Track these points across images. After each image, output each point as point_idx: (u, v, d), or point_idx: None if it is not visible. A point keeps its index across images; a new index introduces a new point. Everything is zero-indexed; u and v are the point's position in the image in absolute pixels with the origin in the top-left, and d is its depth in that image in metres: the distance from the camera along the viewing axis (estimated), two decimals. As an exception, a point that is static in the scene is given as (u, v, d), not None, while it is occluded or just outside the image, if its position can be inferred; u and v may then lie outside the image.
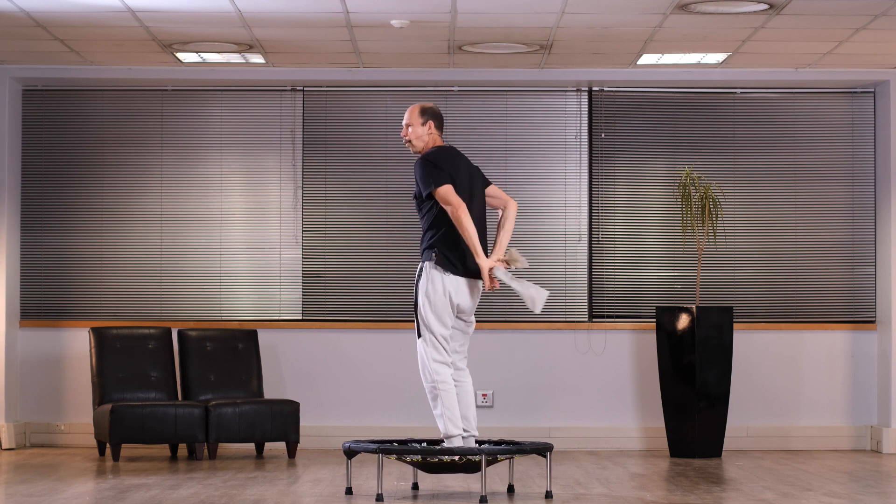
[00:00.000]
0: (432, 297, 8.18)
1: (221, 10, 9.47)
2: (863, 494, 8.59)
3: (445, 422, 8.19)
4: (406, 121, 8.41)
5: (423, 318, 8.19)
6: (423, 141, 8.36)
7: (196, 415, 10.47)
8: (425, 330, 8.20)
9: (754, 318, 11.67)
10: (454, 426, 8.17)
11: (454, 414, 8.17)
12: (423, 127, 8.34)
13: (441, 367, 8.19)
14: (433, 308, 8.18)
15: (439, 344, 8.18)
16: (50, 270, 11.66)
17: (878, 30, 9.95)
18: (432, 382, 8.20)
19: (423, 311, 8.18)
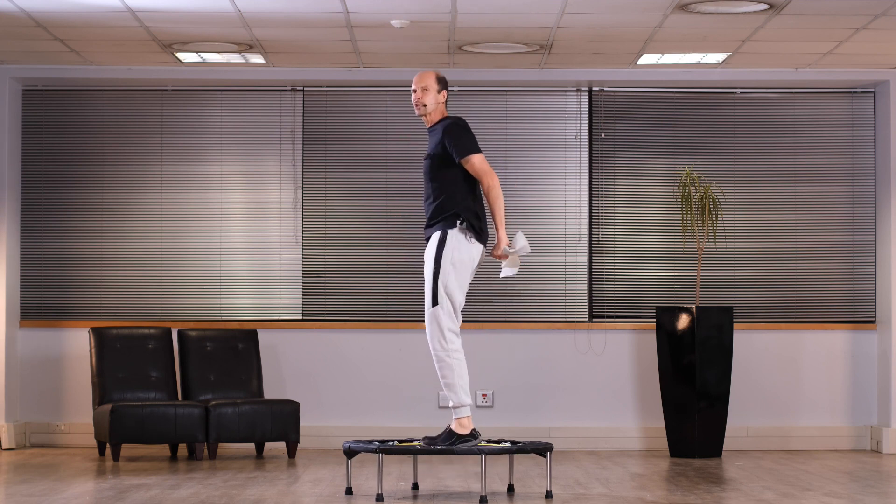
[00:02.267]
0: (458, 264, 8.06)
1: (221, 10, 9.48)
2: (863, 494, 8.59)
3: (458, 391, 8.07)
4: (421, 83, 8.25)
5: (445, 286, 8.03)
6: (434, 108, 8.27)
7: (196, 415, 10.47)
8: (444, 297, 8.03)
9: (754, 318, 11.67)
10: (466, 395, 8.09)
11: (466, 383, 8.09)
12: (439, 94, 8.28)
13: (455, 337, 8.08)
14: (458, 275, 8.06)
15: (455, 313, 8.10)
16: (50, 270, 11.66)
17: (878, 30, 9.95)
18: (446, 351, 8.05)
19: (444, 278, 8.02)
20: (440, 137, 8.15)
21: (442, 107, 8.30)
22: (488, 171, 8.09)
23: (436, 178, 8.16)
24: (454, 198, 8.12)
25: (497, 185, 8.07)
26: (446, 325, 8.06)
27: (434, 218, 8.14)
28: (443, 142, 8.13)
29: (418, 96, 8.25)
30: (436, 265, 8.04)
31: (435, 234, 8.11)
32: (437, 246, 8.07)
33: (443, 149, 8.12)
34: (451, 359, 8.06)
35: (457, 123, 8.18)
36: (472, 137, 8.13)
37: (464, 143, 8.10)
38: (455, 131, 8.13)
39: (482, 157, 8.10)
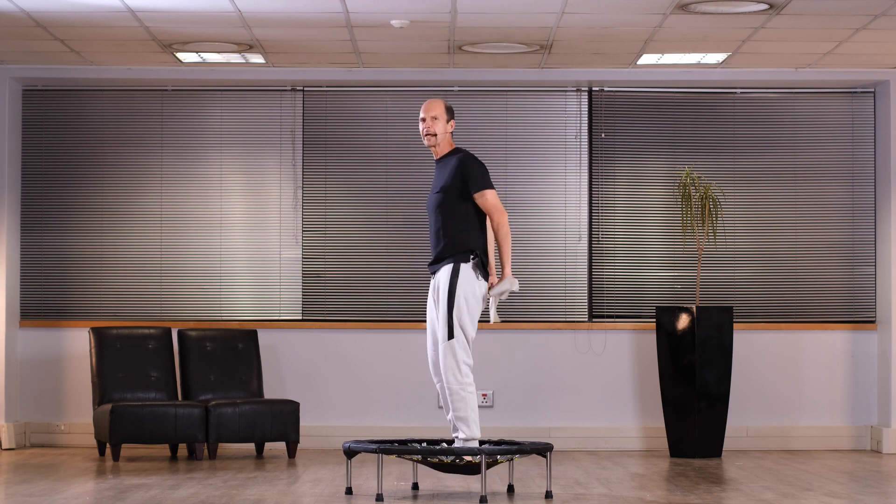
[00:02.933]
0: (471, 299, 8.12)
1: (221, 10, 9.48)
2: (863, 494, 8.59)
3: (471, 425, 8.13)
4: (431, 112, 8.28)
5: (459, 320, 8.08)
6: (443, 137, 8.29)
7: (196, 415, 10.47)
8: (459, 331, 8.09)
9: (754, 318, 11.67)
10: (477, 428, 8.16)
11: (477, 416, 8.17)
12: (447, 124, 8.30)
13: (469, 371, 8.14)
14: (470, 310, 8.12)
15: (469, 346, 8.14)
16: (50, 270, 11.66)
17: (878, 30, 9.95)
18: (461, 385, 8.10)
19: (460, 312, 8.08)
20: (454, 170, 8.16)
21: (450, 137, 8.32)
22: (500, 208, 8.15)
23: (447, 211, 8.17)
24: (469, 233, 8.16)
25: (507, 222, 8.16)
26: (461, 358, 8.10)
27: (446, 251, 8.15)
28: (458, 175, 8.13)
29: (428, 125, 8.26)
30: (450, 299, 8.09)
31: (446, 266, 8.14)
32: (451, 279, 8.10)
33: (459, 182, 8.13)
34: (465, 392, 8.12)
35: (474, 157, 8.25)
36: (487, 172, 8.21)
37: (482, 177, 8.17)
38: (473, 165, 8.19)
39: (495, 194, 8.18)
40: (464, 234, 8.15)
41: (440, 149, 8.30)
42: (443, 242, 8.17)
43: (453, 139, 8.41)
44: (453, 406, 8.13)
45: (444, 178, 8.22)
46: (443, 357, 8.11)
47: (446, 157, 8.27)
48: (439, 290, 8.16)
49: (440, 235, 8.18)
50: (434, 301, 8.22)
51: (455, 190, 8.16)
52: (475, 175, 8.13)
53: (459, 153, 8.25)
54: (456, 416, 8.13)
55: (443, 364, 8.12)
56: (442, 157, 8.29)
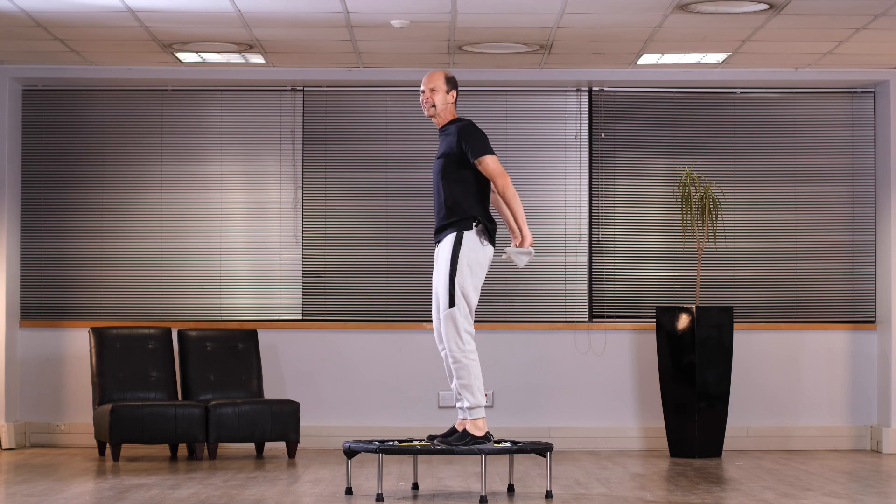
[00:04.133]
0: (475, 266, 8.09)
1: (221, 10, 9.48)
2: (863, 494, 8.59)
3: (475, 392, 8.09)
4: (429, 84, 8.28)
5: (461, 287, 8.05)
6: (443, 108, 8.28)
7: (196, 415, 10.47)
8: (461, 298, 8.06)
9: (754, 318, 11.67)
10: (482, 396, 8.12)
11: (481, 384, 8.12)
12: (448, 94, 8.29)
13: (471, 338, 8.11)
14: (473, 277, 8.09)
15: (470, 314, 8.12)
16: (50, 270, 11.66)
17: (878, 30, 9.95)
18: (463, 353, 8.07)
19: (461, 280, 8.05)
20: (455, 138, 8.17)
21: (452, 107, 8.32)
22: (502, 171, 8.13)
23: (449, 177, 8.17)
24: (469, 199, 8.15)
25: (511, 184, 8.14)
26: (463, 326, 8.08)
27: (448, 218, 8.14)
28: (458, 142, 8.14)
29: (427, 96, 8.28)
30: (452, 266, 8.06)
31: (449, 235, 8.13)
32: (453, 247, 8.08)
33: (458, 149, 8.14)
34: (468, 360, 8.09)
35: (472, 124, 8.23)
36: (486, 139, 8.19)
37: (481, 143, 8.15)
38: (471, 132, 8.17)
39: (496, 159, 8.15)
40: (465, 200, 8.14)
41: (441, 119, 8.31)
42: (444, 210, 8.17)
43: (456, 110, 8.40)
44: (457, 374, 8.09)
45: (444, 145, 8.23)
46: (444, 326, 8.08)
47: (447, 126, 8.29)
48: (440, 257, 8.15)
49: (442, 202, 8.19)
50: (437, 270, 8.19)
51: (455, 157, 8.17)
52: (474, 142, 8.13)
53: (460, 122, 8.26)
54: (459, 384, 8.11)
55: (444, 333, 8.09)
56: (444, 127, 8.31)
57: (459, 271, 8.06)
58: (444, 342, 8.12)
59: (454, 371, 8.12)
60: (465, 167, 8.16)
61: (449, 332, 8.08)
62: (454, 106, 8.33)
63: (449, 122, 8.29)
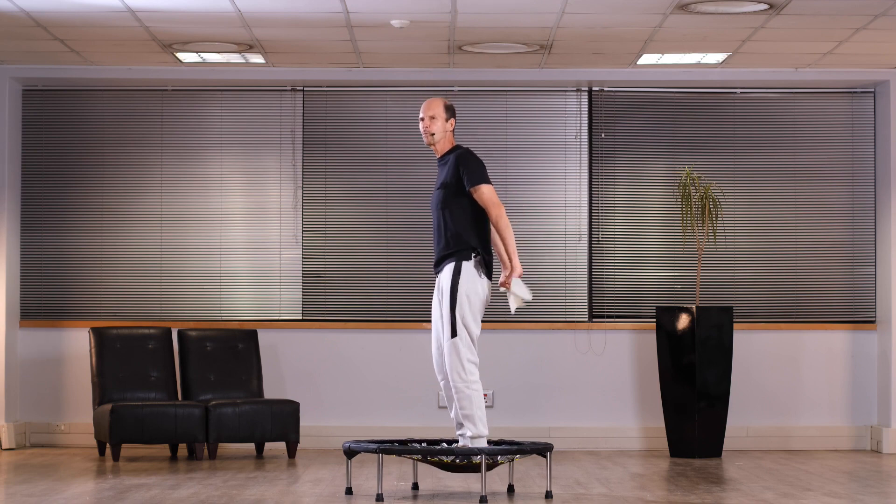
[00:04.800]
0: (473, 297, 8.13)
1: (221, 10, 9.47)
2: (863, 494, 8.59)
3: (477, 423, 8.14)
4: (429, 112, 8.31)
5: (462, 318, 8.09)
6: (442, 136, 8.30)
7: (196, 415, 10.47)
8: (462, 329, 8.10)
9: (754, 318, 11.67)
10: (484, 426, 8.17)
11: (483, 414, 8.17)
12: (447, 123, 8.31)
13: (474, 368, 8.15)
14: (472, 308, 8.13)
15: (473, 344, 8.15)
16: (50, 270, 11.66)
17: (878, 30, 9.95)
18: (465, 383, 8.11)
19: (462, 310, 8.09)
20: (453, 167, 8.18)
21: (450, 135, 8.34)
22: (497, 201, 8.15)
23: (449, 207, 8.19)
24: (469, 230, 8.17)
25: (505, 215, 8.16)
26: (465, 356, 8.11)
27: (447, 249, 8.17)
28: (456, 171, 8.16)
29: (426, 125, 8.30)
30: (452, 296, 8.11)
31: (449, 265, 8.16)
32: (452, 277, 8.12)
33: (456, 178, 8.16)
34: (471, 390, 8.13)
35: (470, 152, 8.27)
36: (483, 168, 8.22)
37: (479, 172, 8.18)
38: (469, 160, 8.21)
39: (491, 189, 8.17)
40: (464, 231, 8.17)
41: (441, 147, 8.33)
42: (444, 240, 8.21)
43: (455, 137, 8.42)
44: (459, 404, 8.13)
45: (444, 175, 8.25)
46: (447, 355, 8.13)
47: (447, 155, 8.31)
48: (442, 288, 8.18)
49: (441, 233, 8.22)
50: (439, 300, 8.24)
51: (454, 187, 8.19)
52: (471, 170, 8.15)
53: (458, 150, 8.28)
54: (462, 413, 8.14)
55: (448, 362, 8.13)
56: (443, 156, 8.33)
57: (460, 303, 8.11)
58: (448, 371, 8.15)
59: (457, 400, 8.15)
60: (464, 196, 8.19)
61: (452, 362, 8.11)
62: (453, 134, 8.35)
63: (448, 152, 8.31)
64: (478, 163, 8.21)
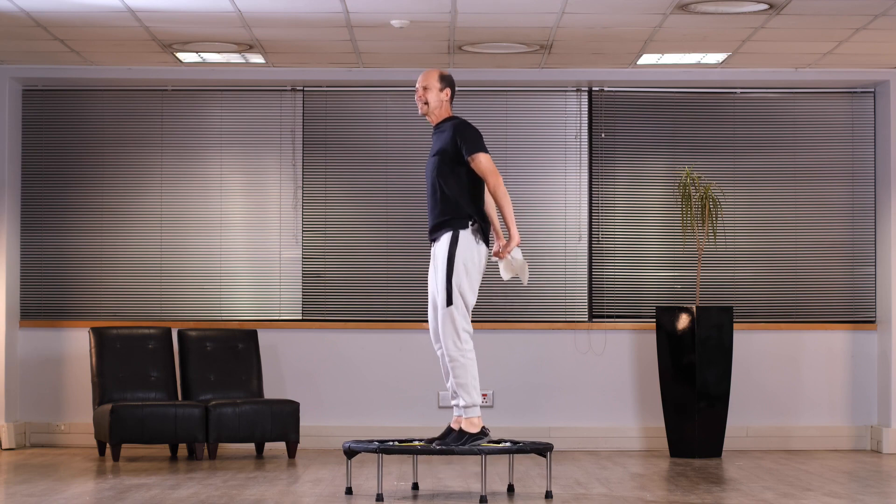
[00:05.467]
0: (470, 265, 8.10)
1: (221, 10, 9.48)
2: (863, 494, 8.59)
3: (471, 391, 8.11)
4: (423, 83, 8.29)
5: (458, 286, 8.06)
6: (437, 106, 8.29)
7: (196, 415, 10.47)
8: (458, 297, 8.07)
9: (754, 318, 11.67)
10: (478, 395, 8.15)
11: (477, 383, 8.15)
12: (441, 93, 8.30)
13: (469, 337, 8.12)
14: (469, 276, 8.10)
15: (468, 312, 8.14)
16: (50, 270, 11.66)
17: (878, 30, 9.95)
18: (460, 351, 8.09)
19: (458, 279, 8.06)
20: (450, 135, 8.17)
21: (447, 105, 8.32)
22: (494, 170, 8.13)
23: (444, 175, 8.16)
24: (464, 198, 8.15)
25: (502, 183, 8.14)
26: (461, 324, 8.10)
27: (443, 216, 8.14)
28: (453, 140, 8.14)
29: (420, 94, 8.30)
30: (449, 265, 8.07)
31: (446, 234, 8.13)
32: (450, 246, 8.09)
33: (453, 147, 8.14)
34: (465, 359, 8.11)
35: (466, 122, 8.25)
36: (480, 137, 8.20)
37: (476, 140, 8.15)
38: (466, 129, 8.18)
39: (489, 157, 8.15)
40: (461, 199, 8.14)
41: (436, 117, 8.33)
42: (439, 208, 8.16)
43: (454, 110, 8.40)
44: (453, 373, 8.11)
45: (439, 143, 8.23)
46: (442, 324, 8.10)
47: (442, 125, 8.30)
48: (437, 256, 8.15)
49: (437, 200, 8.18)
50: (434, 269, 8.20)
51: (450, 154, 8.17)
52: (468, 139, 8.14)
53: (455, 119, 8.27)
54: (456, 382, 8.12)
55: (442, 331, 8.10)
56: (438, 125, 8.33)
57: (456, 271, 8.07)
58: (442, 341, 8.13)
59: (451, 369, 8.13)
60: (460, 165, 8.16)
61: (447, 331, 8.09)
62: (449, 105, 8.33)
63: (444, 121, 8.30)
64: (475, 132, 8.19)
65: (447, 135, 8.19)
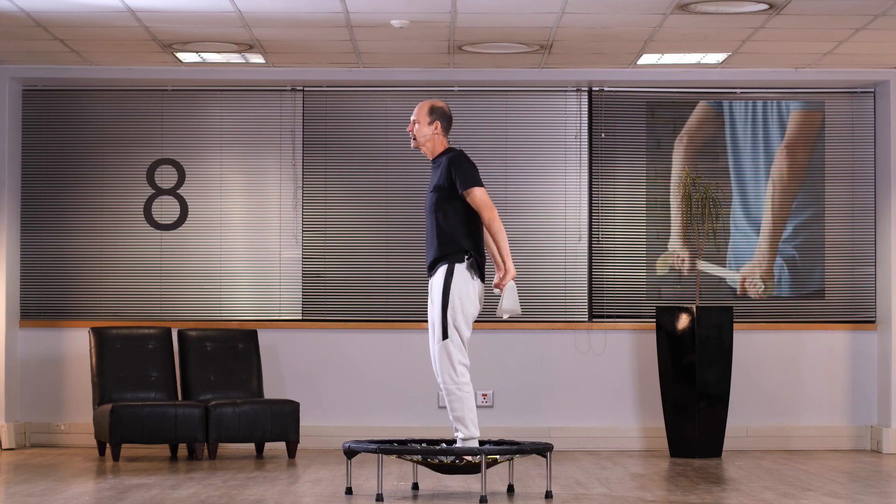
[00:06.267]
0: (465, 300, 8.13)
1: (221, 10, 9.48)
2: (863, 494, 8.59)
3: (468, 424, 8.14)
4: (413, 116, 8.33)
5: (453, 320, 8.10)
6: (427, 140, 8.30)
7: (196, 415, 10.47)
8: (453, 331, 8.11)
9: (754, 318, 11.66)
10: (475, 428, 8.17)
11: (475, 416, 8.18)
12: (430, 126, 8.30)
13: (465, 370, 8.15)
14: (464, 310, 8.13)
15: (464, 346, 8.15)
16: (50, 270, 11.66)
17: (878, 30, 9.95)
18: (456, 385, 8.11)
19: (453, 313, 8.09)
20: (445, 170, 8.17)
21: (440, 138, 8.31)
22: (489, 204, 8.14)
23: (440, 211, 8.18)
24: (461, 233, 8.17)
25: (497, 217, 8.15)
26: (457, 358, 8.12)
27: (440, 252, 8.16)
28: (448, 174, 8.15)
29: (409, 128, 8.34)
30: (444, 299, 8.10)
31: (441, 267, 8.15)
32: (445, 279, 8.11)
33: (448, 181, 8.15)
34: (462, 392, 8.13)
35: (462, 155, 8.25)
36: (475, 170, 8.19)
37: (470, 175, 8.16)
38: (460, 162, 8.19)
39: (484, 191, 8.16)
40: (457, 233, 8.16)
41: (429, 150, 8.33)
42: (437, 243, 8.19)
43: (448, 140, 8.39)
44: (450, 406, 8.15)
45: (436, 178, 8.25)
46: (438, 358, 8.14)
47: (438, 159, 8.31)
48: (434, 289, 8.18)
49: (434, 236, 8.21)
50: (431, 302, 8.24)
51: (446, 190, 8.18)
52: (463, 173, 8.14)
53: (450, 153, 8.27)
54: (454, 416, 8.16)
55: (438, 365, 8.14)
56: (435, 158, 8.33)
57: (451, 305, 8.11)
58: (439, 374, 8.16)
59: (448, 402, 8.16)
60: (457, 199, 8.17)
61: (443, 365, 8.13)
62: (443, 136, 8.32)
63: (440, 154, 8.30)
64: (470, 166, 8.19)
65: (443, 169, 8.20)
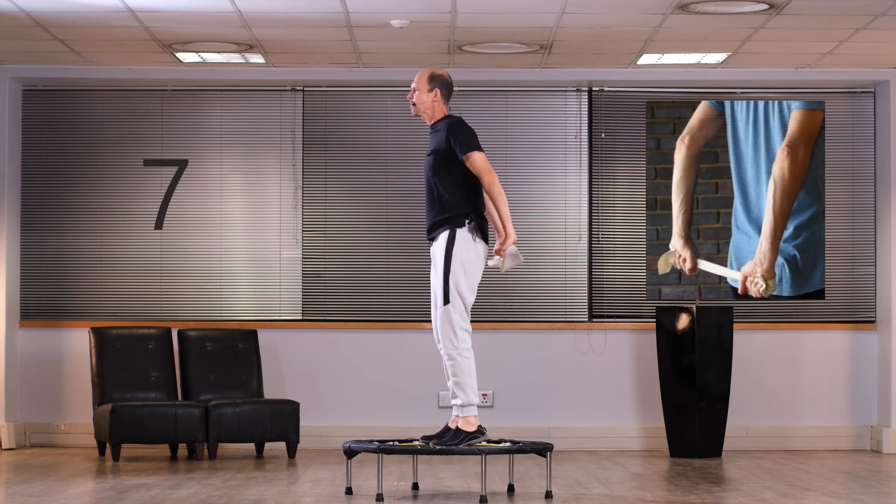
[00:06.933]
0: (467, 264, 8.10)
1: (221, 10, 9.48)
2: (863, 494, 8.59)
3: (468, 390, 8.11)
4: (414, 84, 8.35)
5: (456, 284, 8.06)
6: (427, 107, 8.31)
7: (196, 415, 10.47)
8: (456, 296, 8.07)
9: (754, 318, 11.66)
10: (475, 394, 8.14)
11: (475, 382, 8.13)
12: (429, 94, 8.30)
13: (467, 336, 8.12)
14: (467, 274, 8.10)
15: (466, 311, 8.14)
16: (50, 270, 11.66)
17: (878, 30, 9.95)
18: (457, 350, 8.08)
19: (456, 277, 8.06)
20: (444, 135, 8.18)
21: (439, 105, 8.32)
22: (489, 168, 8.13)
23: (440, 174, 8.17)
24: (461, 196, 8.15)
25: (497, 181, 8.13)
26: (458, 323, 8.09)
27: (440, 215, 8.15)
28: (447, 139, 8.15)
29: (409, 96, 8.35)
30: (446, 264, 8.07)
31: (443, 233, 8.13)
32: (447, 245, 8.08)
33: (447, 145, 8.15)
34: (463, 357, 8.10)
35: (461, 121, 8.25)
36: (474, 135, 8.19)
37: (469, 139, 8.15)
38: (459, 128, 8.18)
39: (483, 155, 8.14)
40: (458, 197, 8.14)
41: (428, 117, 8.34)
42: (436, 207, 8.17)
43: (448, 107, 8.40)
44: (451, 371, 8.11)
45: (434, 142, 8.25)
46: (440, 323, 8.10)
47: (437, 124, 8.32)
48: (436, 255, 8.15)
49: (434, 199, 8.18)
50: (434, 268, 8.20)
51: (445, 154, 8.18)
52: (462, 138, 8.14)
53: (449, 118, 8.28)
54: (454, 381, 8.12)
55: (440, 330, 8.10)
56: (434, 124, 8.34)
57: (453, 269, 8.08)
58: (440, 339, 8.13)
59: (449, 368, 8.13)
60: (456, 164, 8.16)
61: (444, 330, 8.09)
62: (444, 104, 8.33)
63: (439, 120, 8.31)
64: (469, 131, 8.19)
65: (441, 134, 8.21)
